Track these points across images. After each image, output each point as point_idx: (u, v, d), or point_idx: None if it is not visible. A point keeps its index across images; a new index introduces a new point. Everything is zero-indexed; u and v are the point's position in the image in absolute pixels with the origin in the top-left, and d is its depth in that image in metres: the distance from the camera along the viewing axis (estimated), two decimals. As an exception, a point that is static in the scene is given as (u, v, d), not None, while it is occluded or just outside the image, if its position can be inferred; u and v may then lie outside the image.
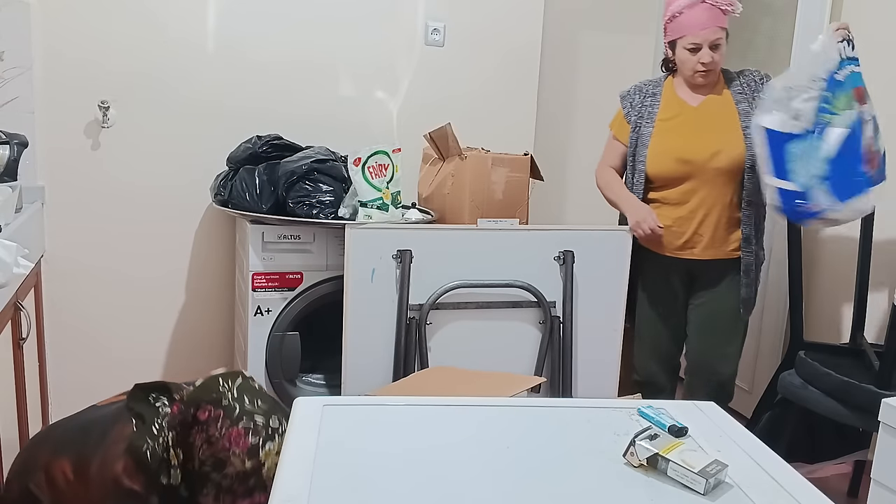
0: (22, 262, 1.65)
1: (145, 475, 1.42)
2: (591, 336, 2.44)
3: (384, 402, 1.42)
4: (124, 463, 1.43)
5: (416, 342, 2.30)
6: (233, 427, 1.38)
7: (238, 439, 1.37)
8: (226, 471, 1.36)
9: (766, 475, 1.12)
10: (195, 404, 1.42)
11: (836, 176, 1.98)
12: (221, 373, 1.51)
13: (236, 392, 1.45)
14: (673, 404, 1.35)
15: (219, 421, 1.38)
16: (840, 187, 1.99)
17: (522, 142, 3.00)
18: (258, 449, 1.38)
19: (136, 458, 1.42)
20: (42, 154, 2.54)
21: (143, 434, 1.47)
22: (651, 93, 2.35)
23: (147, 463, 1.41)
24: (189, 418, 1.41)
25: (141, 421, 1.49)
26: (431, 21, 2.90)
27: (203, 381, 1.47)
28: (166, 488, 1.42)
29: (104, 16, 2.55)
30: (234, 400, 1.42)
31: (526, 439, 1.22)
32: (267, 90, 2.75)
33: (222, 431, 1.38)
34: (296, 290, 2.44)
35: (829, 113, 1.98)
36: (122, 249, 2.69)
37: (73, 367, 2.63)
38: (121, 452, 1.46)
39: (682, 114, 2.30)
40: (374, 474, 1.08)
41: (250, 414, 1.41)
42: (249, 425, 1.40)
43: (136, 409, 1.52)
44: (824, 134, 1.98)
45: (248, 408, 1.42)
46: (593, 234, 2.41)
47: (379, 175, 2.40)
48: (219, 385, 1.45)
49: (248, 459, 1.37)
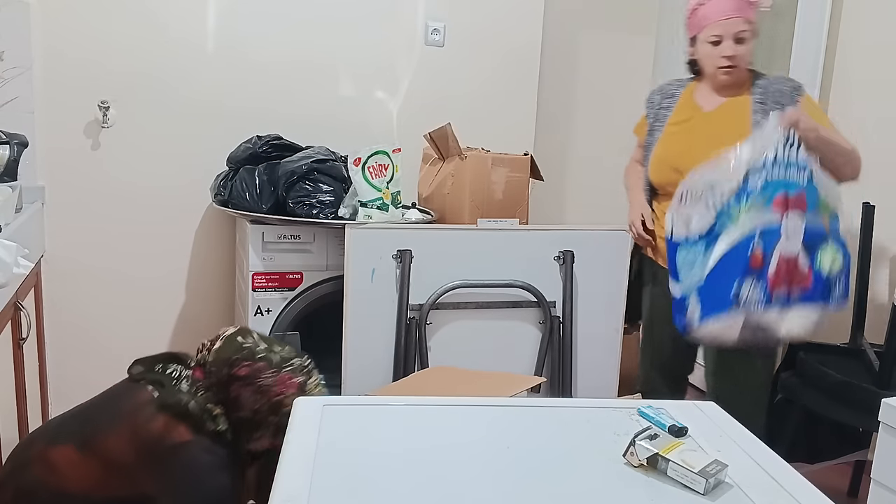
0: (22, 262, 1.65)
1: (189, 423, 1.49)
2: (591, 336, 2.44)
3: (384, 402, 1.42)
4: (163, 421, 1.48)
5: (416, 342, 2.30)
6: (279, 374, 1.53)
7: (288, 382, 1.54)
8: (283, 411, 1.47)
9: (766, 475, 1.12)
10: (227, 364, 1.53)
11: (707, 289, 1.76)
12: (230, 332, 1.61)
13: (262, 343, 1.58)
14: (673, 404, 1.35)
15: (264, 372, 1.52)
16: (707, 303, 1.77)
17: (522, 142, 3.00)
18: (304, 385, 1.57)
19: (175, 412, 1.49)
20: (42, 154, 2.54)
21: (172, 392, 1.53)
22: (670, 94, 2.18)
23: (189, 412, 1.50)
24: (224, 378, 1.53)
25: (160, 385, 1.54)
26: (431, 21, 2.90)
27: (222, 344, 1.57)
28: (213, 434, 1.51)
29: (104, 16, 2.55)
30: (266, 351, 1.56)
31: (526, 439, 1.22)
32: (267, 90, 2.75)
33: (271, 379, 1.52)
34: (296, 290, 2.44)
35: (727, 217, 1.74)
36: (122, 249, 2.70)
37: (73, 367, 2.63)
38: (152, 414, 1.49)
39: (692, 119, 2.09)
40: (374, 474, 1.08)
41: (286, 359, 1.57)
42: (291, 367, 1.56)
43: (148, 378, 1.57)
44: (714, 242, 1.75)
45: (282, 354, 1.57)
46: (593, 234, 2.41)
47: (379, 175, 2.40)
48: (240, 343, 1.56)
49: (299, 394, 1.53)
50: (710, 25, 1.97)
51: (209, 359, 1.58)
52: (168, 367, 1.60)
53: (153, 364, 1.61)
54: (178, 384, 1.56)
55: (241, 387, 1.53)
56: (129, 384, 1.60)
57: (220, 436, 1.53)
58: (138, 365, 1.63)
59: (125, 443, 1.49)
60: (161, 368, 1.60)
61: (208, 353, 1.59)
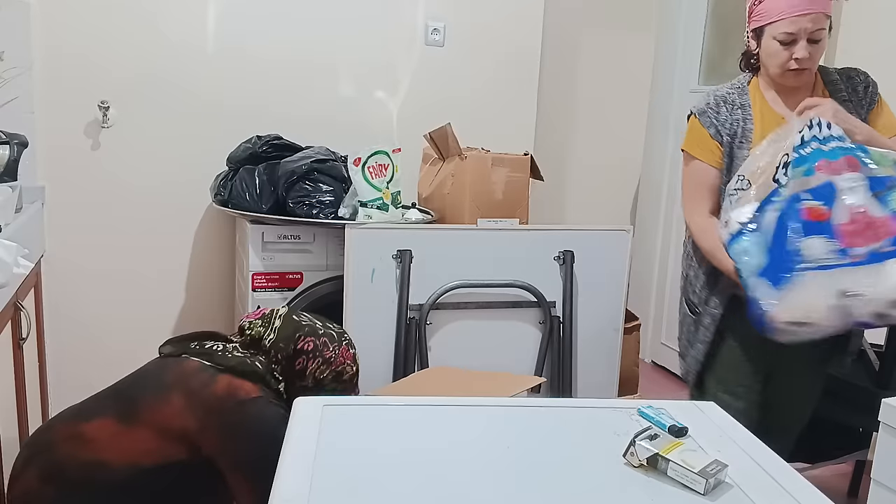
0: (22, 262, 1.65)
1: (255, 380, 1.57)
2: (591, 336, 2.43)
3: (384, 402, 1.42)
4: (226, 381, 1.53)
5: (416, 342, 2.30)
6: (340, 346, 1.73)
7: (346, 353, 1.74)
8: (344, 378, 1.73)
9: (766, 475, 1.12)
10: (292, 340, 1.67)
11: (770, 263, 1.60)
12: (283, 311, 1.75)
13: (318, 321, 1.76)
14: (673, 404, 1.35)
15: (329, 346, 1.71)
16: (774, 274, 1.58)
17: (522, 142, 3.00)
18: (356, 356, 1.78)
19: (238, 372, 1.56)
20: (42, 154, 2.54)
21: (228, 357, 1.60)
22: (738, 103, 1.82)
23: (254, 370, 1.58)
24: (290, 352, 1.66)
25: (207, 356, 1.59)
26: (431, 21, 2.90)
27: (282, 322, 1.70)
28: (276, 393, 1.62)
29: (104, 16, 2.55)
30: (324, 327, 1.74)
31: (526, 439, 1.22)
32: (267, 90, 2.75)
33: (337, 351, 1.72)
34: (296, 290, 2.44)
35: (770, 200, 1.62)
36: (123, 249, 2.69)
37: (73, 367, 2.63)
38: (210, 377, 1.53)
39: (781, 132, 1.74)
40: (374, 474, 1.08)
41: (340, 333, 1.77)
42: (346, 340, 1.77)
43: (190, 352, 1.61)
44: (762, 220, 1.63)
45: (337, 329, 1.77)
46: (593, 234, 2.41)
47: (379, 175, 2.40)
48: (299, 320, 1.72)
49: (354, 365, 1.76)
50: (781, 21, 1.70)
51: (270, 336, 1.68)
52: (206, 344, 1.64)
53: (188, 341, 1.65)
54: (227, 353, 1.61)
55: (307, 359, 1.68)
56: (165, 360, 1.62)
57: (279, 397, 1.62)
58: (169, 345, 1.66)
59: (181, 408, 1.49)
60: (198, 345, 1.63)
61: (264, 329, 1.69)
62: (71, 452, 1.50)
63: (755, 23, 1.77)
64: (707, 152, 1.84)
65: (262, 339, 1.67)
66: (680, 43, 3.45)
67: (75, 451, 1.50)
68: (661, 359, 3.63)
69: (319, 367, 1.69)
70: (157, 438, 1.49)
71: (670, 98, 3.50)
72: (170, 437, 1.49)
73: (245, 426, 1.49)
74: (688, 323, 1.95)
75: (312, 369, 1.69)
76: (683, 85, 3.44)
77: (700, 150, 1.86)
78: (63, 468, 1.50)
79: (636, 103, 3.64)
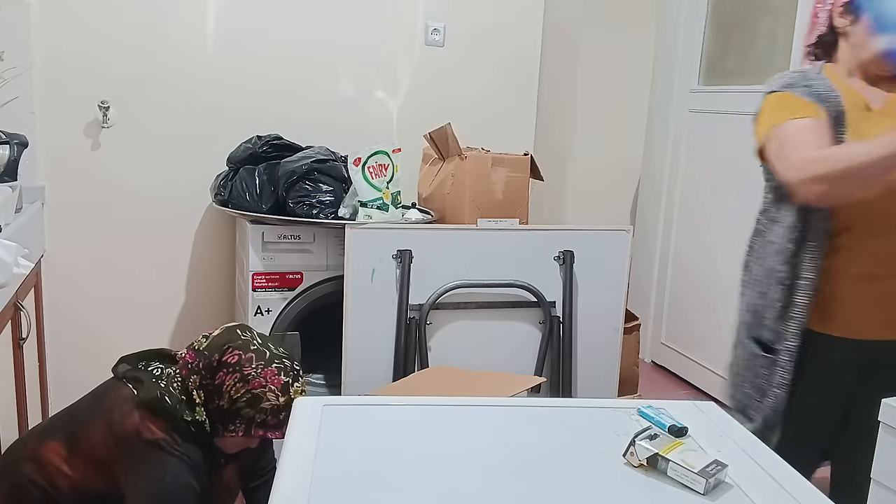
0: (22, 262, 1.65)
1: (165, 418, 1.51)
2: (591, 336, 2.43)
3: (384, 402, 1.42)
4: (139, 415, 1.51)
5: (416, 342, 2.30)
6: (267, 367, 1.55)
7: (273, 377, 1.54)
8: (262, 405, 1.53)
9: (766, 475, 1.12)
10: (219, 350, 1.56)
11: None
12: (232, 324, 1.65)
13: (259, 339, 1.62)
14: (673, 404, 1.35)
15: (252, 362, 1.54)
16: None
17: (522, 142, 3.00)
18: (289, 386, 1.56)
19: (151, 407, 1.51)
20: (42, 154, 2.54)
21: (151, 387, 1.54)
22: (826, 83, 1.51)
23: (165, 405, 1.52)
24: (214, 363, 1.55)
25: (139, 383, 1.56)
26: (431, 21, 2.90)
27: (220, 332, 1.60)
28: (190, 423, 1.53)
29: (104, 16, 2.55)
30: (261, 345, 1.59)
31: (526, 439, 1.22)
32: (267, 90, 2.75)
33: (258, 371, 1.54)
34: (296, 290, 2.44)
35: None
36: (122, 249, 2.70)
37: (73, 367, 2.63)
38: (128, 410, 1.52)
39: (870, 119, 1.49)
40: (373, 474, 1.08)
41: (279, 357, 1.59)
42: (281, 365, 1.57)
43: (128, 376, 1.59)
44: None
45: (275, 351, 1.60)
46: (593, 234, 2.41)
47: (379, 175, 2.40)
48: (239, 333, 1.60)
49: (281, 395, 1.54)
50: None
51: (204, 343, 1.60)
52: (150, 365, 1.62)
53: (137, 361, 1.64)
54: (157, 381, 1.57)
55: (226, 374, 1.55)
56: (112, 382, 1.63)
57: (196, 431, 1.54)
58: (123, 363, 1.66)
59: (102, 438, 1.52)
60: (144, 366, 1.62)
61: (205, 339, 1.62)
62: (30, 474, 1.54)
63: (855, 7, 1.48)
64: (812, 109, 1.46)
65: (198, 350, 1.61)
66: (680, 43, 3.45)
67: (33, 474, 1.54)
68: (661, 359, 3.63)
69: (235, 385, 1.55)
70: (86, 466, 1.53)
71: (670, 98, 3.50)
72: (94, 467, 1.52)
73: (142, 466, 1.49)
74: (758, 366, 1.60)
75: (229, 385, 1.55)
76: (683, 85, 3.44)
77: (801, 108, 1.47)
78: (26, 489, 1.54)
79: (636, 103, 3.64)
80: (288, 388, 1.57)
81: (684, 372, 3.42)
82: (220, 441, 1.60)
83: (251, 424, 1.55)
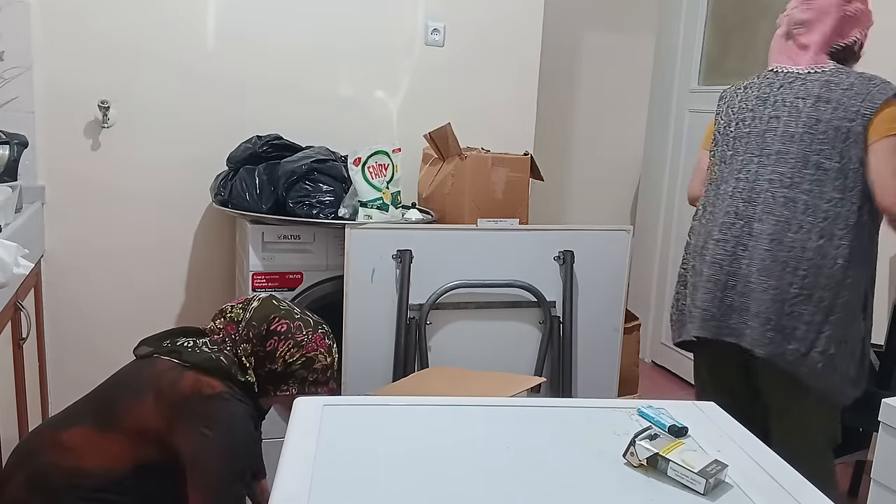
0: (22, 262, 1.65)
1: (219, 375, 1.57)
2: (591, 336, 2.44)
3: (384, 402, 1.42)
4: (192, 377, 1.55)
5: (416, 342, 2.30)
6: (315, 333, 1.71)
7: (320, 342, 1.72)
8: (314, 366, 1.70)
9: (766, 475, 1.12)
10: (266, 321, 1.67)
11: None
12: (264, 295, 1.76)
13: (297, 308, 1.76)
14: (673, 404, 1.35)
15: (302, 330, 1.69)
16: None
17: (522, 142, 3.00)
18: (332, 348, 1.75)
19: (203, 368, 1.57)
20: (42, 154, 2.54)
21: (197, 353, 1.60)
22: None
23: (221, 365, 1.59)
24: (263, 332, 1.66)
25: (177, 354, 1.60)
26: (431, 21, 2.90)
27: (259, 304, 1.71)
28: (243, 385, 1.62)
29: (104, 16, 2.55)
30: (301, 313, 1.73)
31: (526, 439, 1.22)
32: (267, 90, 2.75)
33: (309, 337, 1.70)
34: (296, 290, 2.44)
35: None
36: (122, 249, 2.69)
37: (73, 367, 2.63)
38: (178, 375, 1.55)
39: None
40: (374, 474, 1.08)
41: (319, 323, 1.76)
42: (324, 330, 1.75)
43: (161, 350, 1.62)
44: None
45: (314, 318, 1.76)
46: (593, 234, 2.41)
47: (379, 175, 2.40)
48: (277, 304, 1.72)
49: (328, 356, 1.73)
50: None
51: (246, 315, 1.68)
52: (178, 340, 1.65)
53: (160, 341, 1.66)
54: (196, 349, 1.61)
55: (278, 341, 1.66)
56: (139, 362, 1.63)
57: (247, 388, 1.62)
58: (144, 345, 1.67)
59: (152, 409, 1.52)
60: (169, 343, 1.64)
61: (242, 311, 1.69)
62: (53, 461, 1.53)
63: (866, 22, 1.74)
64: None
65: (238, 322, 1.68)
66: (680, 43, 3.45)
67: (57, 460, 1.53)
68: (661, 359, 3.64)
69: (290, 350, 1.67)
70: (132, 441, 1.52)
71: (670, 98, 3.50)
72: (144, 440, 1.52)
73: (208, 422, 1.50)
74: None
75: (283, 351, 1.67)
76: (683, 85, 3.44)
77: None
78: (47, 476, 1.53)
79: (636, 103, 3.64)
80: (332, 350, 1.75)
81: (684, 372, 3.43)
82: (264, 401, 1.70)
83: (304, 384, 1.70)
